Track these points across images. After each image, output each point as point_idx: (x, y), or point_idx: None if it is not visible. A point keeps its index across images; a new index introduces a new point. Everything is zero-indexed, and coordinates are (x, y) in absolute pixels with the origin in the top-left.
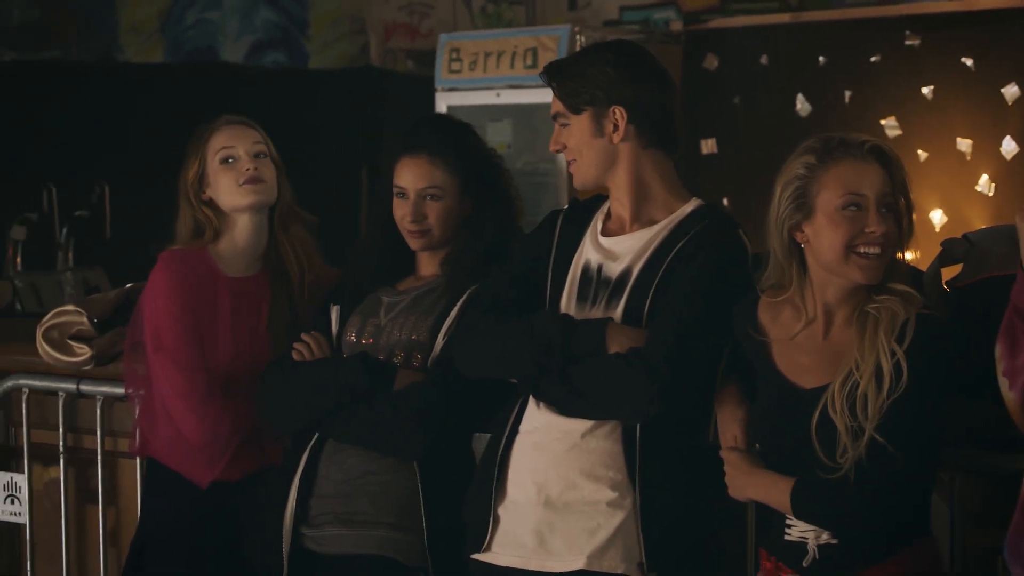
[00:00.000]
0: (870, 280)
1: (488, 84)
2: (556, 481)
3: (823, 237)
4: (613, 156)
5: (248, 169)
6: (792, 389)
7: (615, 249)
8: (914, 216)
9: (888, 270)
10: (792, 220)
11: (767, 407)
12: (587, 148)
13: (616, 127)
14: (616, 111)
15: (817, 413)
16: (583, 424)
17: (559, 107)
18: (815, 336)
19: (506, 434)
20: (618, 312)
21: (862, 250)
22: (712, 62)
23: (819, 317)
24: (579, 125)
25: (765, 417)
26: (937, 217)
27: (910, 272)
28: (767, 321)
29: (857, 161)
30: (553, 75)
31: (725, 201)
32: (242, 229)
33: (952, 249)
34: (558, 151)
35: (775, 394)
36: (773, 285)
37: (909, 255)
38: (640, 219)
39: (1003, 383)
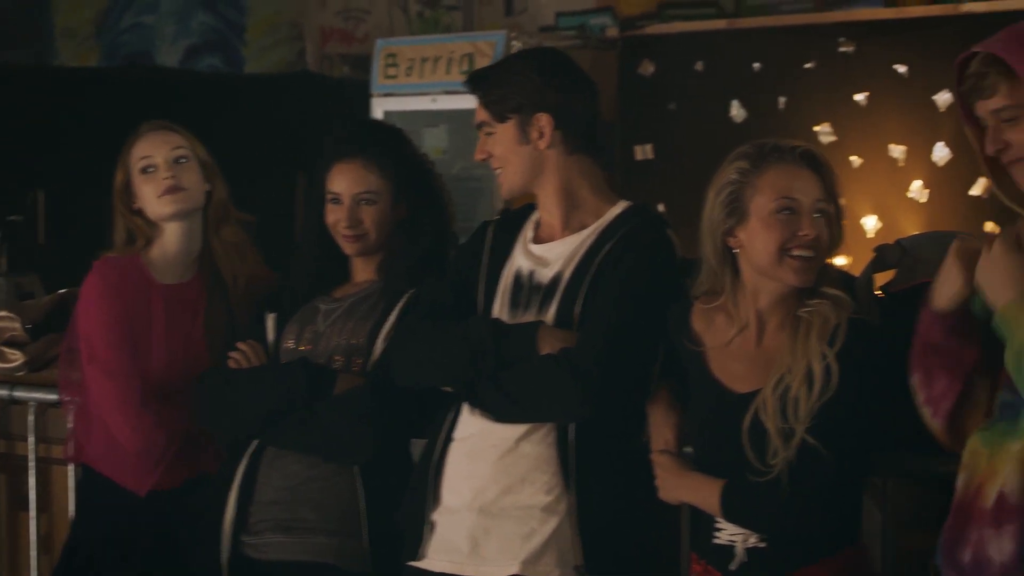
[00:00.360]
0: (803, 283)
1: (424, 90)
2: (491, 487)
3: (757, 241)
4: (540, 163)
5: (166, 179)
6: (726, 394)
7: (546, 255)
8: (844, 221)
9: (820, 275)
10: (725, 225)
11: (700, 411)
12: (513, 156)
13: (542, 134)
14: (541, 118)
15: (749, 416)
16: (517, 430)
17: (484, 116)
18: (748, 342)
19: (440, 441)
20: (550, 316)
21: (796, 253)
22: (648, 68)
23: (752, 323)
24: (504, 133)
25: (698, 421)
26: (871, 223)
27: (842, 277)
28: (701, 328)
29: (790, 166)
30: (477, 84)
31: (661, 207)
32: (172, 236)
33: (885, 255)
34: (484, 159)
35: (709, 398)
36: (707, 292)
37: (843, 260)
38: (570, 225)
39: (925, 412)
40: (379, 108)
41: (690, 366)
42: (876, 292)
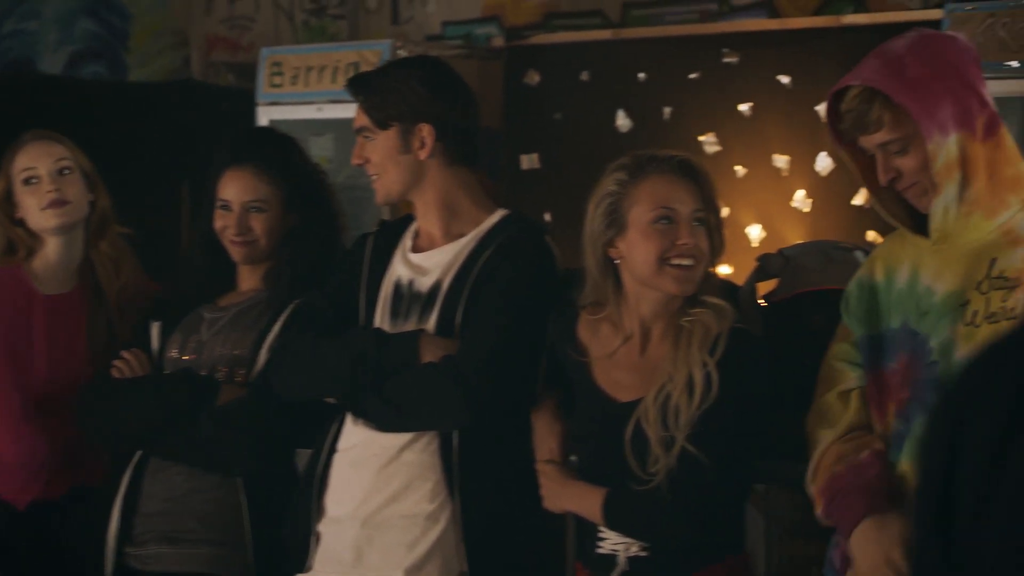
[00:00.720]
0: (684, 292)
1: (310, 99)
2: (374, 496)
3: (637, 251)
4: (419, 173)
5: (49, 192)
6: (609, 403)
7: (425, 264)
8: (725, 230)
9: (703, 284)
10: (606, 236)
11: (585, 421)
12: (392, 164)
13: (423, 144)
14: (423, 128)
15: (631, 425)
16: (400, 439)
17: (365, 121)
18: (632, 352)
19: (324, 452)
20: (431, 325)
21: (675, 262)
22: (534, 78)
23: (636, 333)
24: (385, 140)
25: (583, 430)
26: (755, 232)
27: (723, 286)
28: (586, 338)
29: (667, 176)
30: (360, 88)
31: (547, 216)
32: (54, 247)
33: (768, 264)
34: (360, 165)
35: (593, 408)
36: (591, 302)
37: (727, 269)
38: (449, 234)
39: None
40: (264, 117)
41: (575, 376)
42: (759, 301)
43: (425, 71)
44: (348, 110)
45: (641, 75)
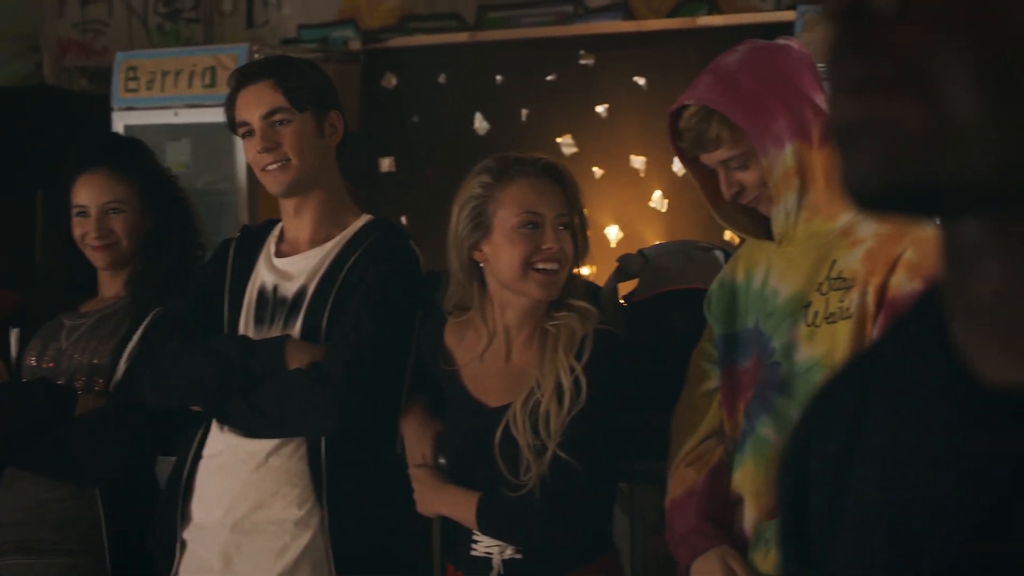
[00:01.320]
0: (548, 296)
1: (166, 103)
2: (242, 502)
3: (501, 255)
4: (324, 162)
5: None
6: (479, 408)
7: (289, 269)
8: (588, 232)
9: (567, 287)
10: (471, 239)
11: (456, 425)
12: (309, 148)
13: (335, 130)
14: (334, 114)
15: (499, 431)
16: (267, 444)
17: (281, 102)
18: (499, 356)
19: (190, 459)
20: (296, 330)
21: (540, 266)
22: (391, 80)
23: (500, 337)
24: (303, 123)
25: (454, 435)
26: (613, 233)
27: (588, 288)
28: (453, 342)
29: (532, 179)
30: (276, 70)
31: (403, 219)
32: None
33: (628, 264)
34: (270, 149)
35: (463, 413)
36: (457, 305)
37: (587, 270)
38: (315, 239)
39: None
40: (120, 122)
41: (444, 382)
42: (620, 301)
43: (313, 64)
44: (206, 115)
45: (498, 77)
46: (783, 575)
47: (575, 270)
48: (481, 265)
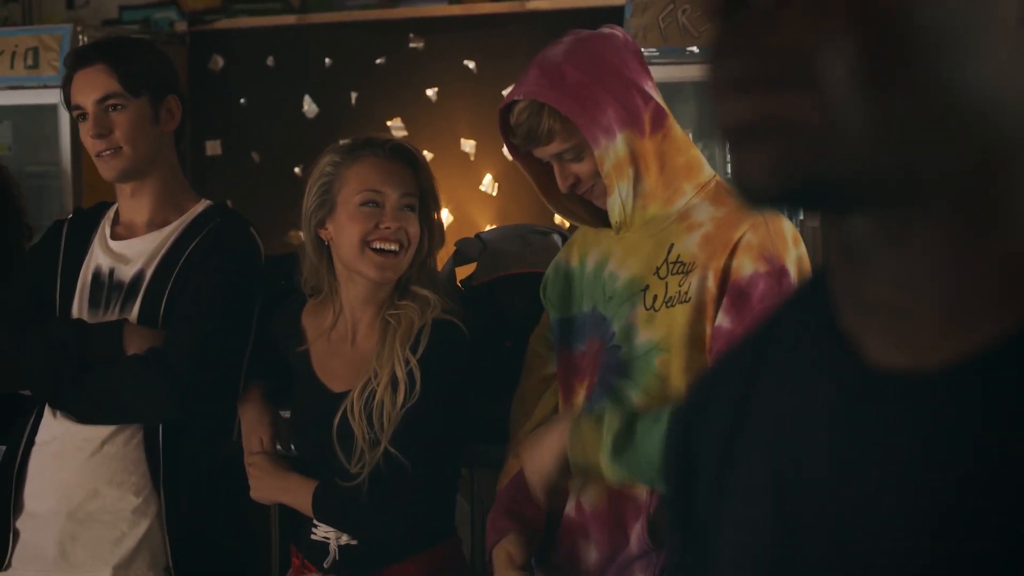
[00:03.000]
0: (384, 278)
1: None
2: (77, 491)
3: (342, 233)
4: (159, 148)
5: None
6: (323, 392)
7: (126, 253)
8: (437, 218)
9: (414, 274)
10: (317, 216)
11: (301, 409)
12: (143, 135)
13: (172, 116)
14: (171, 99)
15: (338, 418)
16: (103, 431)
17: (115, 87)
18: (345, 339)
19: (22, 446)
20: (133, 315)
21: (377, 246)
22: (217, 63)
23: (347, 317)
24: (138, 109)
25: (299, 418)
26: (444, 216)
27: (435, 277)
28: (308, 324)
29: (379, 159)
30: (110, 53)
31: (229, 202)
32: None
33: (466, 248)
34: (102, 135)
35: (310, 396)
36: (315, 287)
37: None
38: (152, 222)
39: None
40: None
41: (295, 363)
42: (458, 285)
43: (154, 46)
44: (28, 96)
45: (327, 60)
46: (671, 556)
47: (428, 258)
48: (327, 243)
